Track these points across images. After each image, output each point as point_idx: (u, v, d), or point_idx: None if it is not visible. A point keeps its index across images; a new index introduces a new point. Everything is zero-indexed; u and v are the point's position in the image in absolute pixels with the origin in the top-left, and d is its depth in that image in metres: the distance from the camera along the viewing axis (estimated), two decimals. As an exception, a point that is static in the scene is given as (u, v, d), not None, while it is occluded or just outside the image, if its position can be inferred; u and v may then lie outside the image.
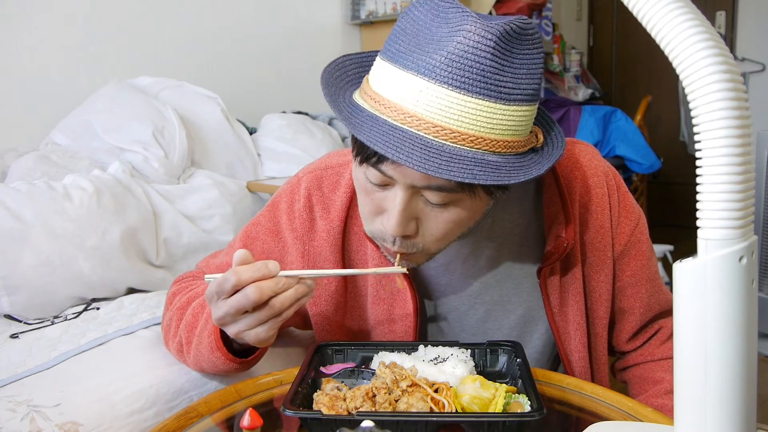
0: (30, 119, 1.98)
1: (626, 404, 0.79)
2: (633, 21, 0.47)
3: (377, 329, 0.94)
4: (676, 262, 0.48)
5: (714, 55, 0.44)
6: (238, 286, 0.70)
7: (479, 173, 0.65)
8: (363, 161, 0.71)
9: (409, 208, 0.72)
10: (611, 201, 0.91)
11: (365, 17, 3.06)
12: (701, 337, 0.47)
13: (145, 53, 2.31)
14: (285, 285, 0.71)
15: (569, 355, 0.92)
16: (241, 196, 1.84)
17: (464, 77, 0.64)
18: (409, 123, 0.66)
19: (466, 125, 0.66)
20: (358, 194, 0.78)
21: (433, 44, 0.66)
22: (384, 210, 0.74)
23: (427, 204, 0.72)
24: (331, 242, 0.90)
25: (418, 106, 0.66)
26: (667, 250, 3.28)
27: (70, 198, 1.41)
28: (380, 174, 0.70)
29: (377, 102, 0.69)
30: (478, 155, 0.67)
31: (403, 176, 0.69)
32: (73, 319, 1.29)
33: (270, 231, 0.95)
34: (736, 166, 0.44)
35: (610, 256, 0.92)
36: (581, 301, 0.90)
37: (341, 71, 0.79)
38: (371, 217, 0.77)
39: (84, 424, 0.87)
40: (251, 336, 0.74)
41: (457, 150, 0.66)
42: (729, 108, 0.43)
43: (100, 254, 1.40)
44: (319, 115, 2.52)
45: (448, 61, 0.64)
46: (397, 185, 0.71)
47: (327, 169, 0.93)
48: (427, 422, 0.66)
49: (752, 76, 4.12)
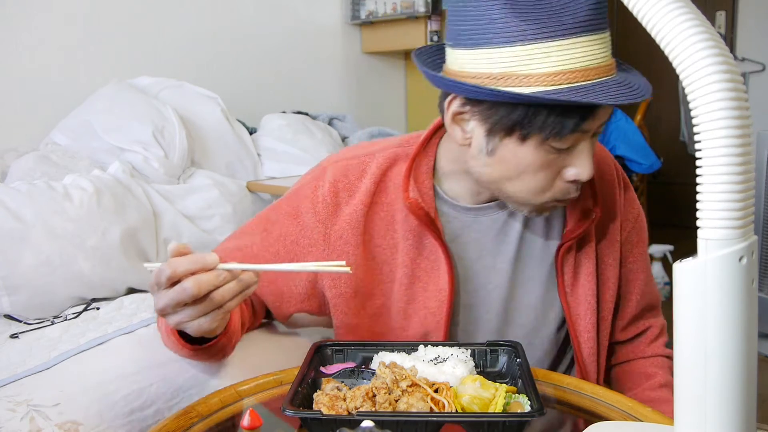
0: (30, 119, 1.98)
1: (626, 404, 0.79)
2: (633, 21, 0.47)
3: (405, 308, 0.93)
4: (676, 262, 0.48)
5: (714, 55, 0.44)
6: (173, 278, 0.70)
7: (639, 89, 0.76)
8: (563, 133, 0.75)
9: (591, 150, 0.80)
10: (619, 187, 0.97)
11: (365, 17, 3.06)
12: (701, 337, 0.47)
13: (145, 53, 2.31)
14: (225, 278, 0.71)
15: (579, 336, 0.94)
16: (241, 196, 1.84)
17: (602, 16, 0.74)
18: (595, 76, 0.74)
19: (609, 55, 0.76)
20: (519, 176, 0.81)
21: (562, 5, 0.72)
22: (564, 167, 0.80)
23: (592, 138, 0.80)
24: (353, 225, 0.91)
25: (593, 59, 0.73)
26: (667, 250, 3.28)
27: (70, 198, 1.41)
28: (576, 135, 0.76)
29: (554, 76, 0.73)
30: (625, 75, 0.79)
31: (598, 121, 0.77)
32: (73, 319, 1.30)
33: (289, 214, 0.95)
34: (736, 166, 0.44)
35: (618, 240, 0.96)
36: (593, 281, 0.93)
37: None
38: (546, 188, 0.82)
39: (84, 423, 0.87)
40: (193, 327, 0.74)
41: (621, 76, 0.77)
42: (729, 108, 0.43)
43: (100, 254, 1.40)
44: (319, 115, 2.52)
45: (594, 11, 0.72)
46: (585, 138, 0.78)
47: (353, 159, 0.95)
48: (427, 422, 0.66)
49: (752, 76, 4.12)
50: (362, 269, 0.93)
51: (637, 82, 0.78)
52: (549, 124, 0.74)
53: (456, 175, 0.91)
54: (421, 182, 0.91)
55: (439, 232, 0.90)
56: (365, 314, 0.94)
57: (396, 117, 3.42)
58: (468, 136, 0.82)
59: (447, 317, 0.91)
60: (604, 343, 0.98)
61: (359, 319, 0.94)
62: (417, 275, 0.92)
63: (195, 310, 0.72)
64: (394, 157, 0.93)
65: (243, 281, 0.73)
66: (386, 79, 3.35)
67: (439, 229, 0.90)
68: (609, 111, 0.77)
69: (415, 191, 0.89)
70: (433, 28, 2.94)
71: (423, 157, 0.92)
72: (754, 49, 4.12)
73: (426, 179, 0.91)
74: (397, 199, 0.91)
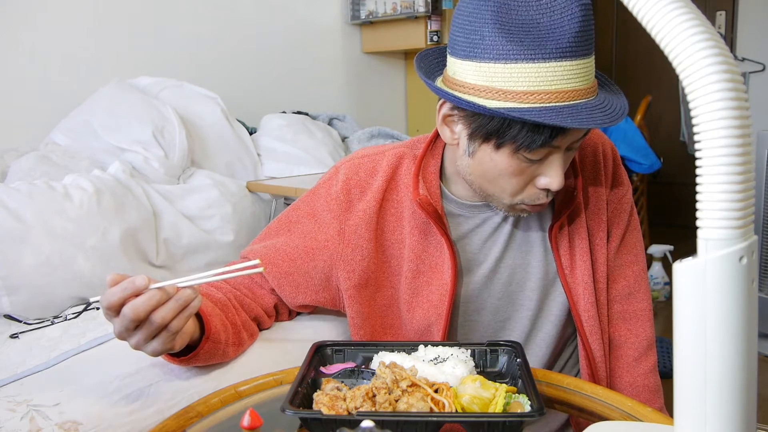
0: (30, 119, 1.98)
1: (626, 404, 0.79)
2: (633, 21, 0.47)
3: (411, 300, 0.98)
4: (676, 262, 0.48)
5: (714, 55, 0.44)
6: (111, 308, 0.74)
7: (614, 113, 0.80)
8: (533, 147, 0.80)
9: (563, 163, 0.85)
10: (606, 168, 1.01)
11: (365, 17, 3.06)
12: (701, 337, 0.47)
13: (145, 53, 2.31)
14: (160, 299, 0.74)
15: (580, 314, 0.98)
16: (241, 196, 1.84)
17: (586, 44, 0.78)
18: (569, 98, 0.78)
19: (589, 80, 0.81)
20: (494, 179, 0.87)
21: (549, 30, 0.76)
22: (537, 176, 0.85)
23: (567, 152, 0.85)
24: (366, 221, 0.97)
25: (569, 83, 0.78)
26: (667, 250, 3.28)
27: (70, 198, 1.41)
28: (546, 149, 0.81)
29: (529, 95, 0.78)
30: (604, 98, 0.83)
31: (570, 139, 0.81)
32: (73, 319, 1.30)
33: (308, 214, 1.01)
34: (736, 166, 0.44)
35: (605, 219, 1.01)
36: (588, 261, 0.97)
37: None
38: (518, 192, 0.87)
39: (84, 423, 0.87)
40: (148, 350, 0.78)
41: (597, 100, 0.81)
42: (729, 108, 0.43)
43: (100, 254, 1.40)
44: (319, 115, 2.52)
45: (577, 39, 0.76)
46: (557, 151, 0.83)
47: (364, 158, 1.01)
48: (427, 422, 0.66)
49: (752, 76, 4.12)
50: (374, 262, 0.98)
51: (615, 105, 0.82)
52: (521, 137, 0.80)
53: (456, 176, 0.96)
54: (429, 181, 0.97)
55: (445, 228, 0.95)
56: (376, 306, 1.00)
57: (396, 117, 3.42)
58: (456, 137, 0.89)
59: (448, 309, 0.95)
60: (604, 322, 1.01)
61: (371, 310, 0.99)
62: (421, 270, 0.97)
63: (142, 333, 0.75)
64: (403, 157, 0.99)
65: (181, 299, 0.76)
66: (386, 79, 3.35)
67: (445, 225, 0.96)
68: (582, 130, 0.82)
69: (423, 189, 0.95)
70: (433, 28, 2.95)
71: (431, 158, 0.98)
72: (754, 49, 4.12)
73: (434, 179, 0.97)
74: (406, 197, 0.97)
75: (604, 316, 1.01)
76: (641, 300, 1.04)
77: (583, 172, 1.00)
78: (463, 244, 0.99)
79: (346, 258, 0.98)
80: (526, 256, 0.99)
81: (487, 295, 1.00)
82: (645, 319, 1.04)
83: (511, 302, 1.00)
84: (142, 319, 0.74)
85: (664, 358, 2.48)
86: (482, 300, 1.00)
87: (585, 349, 0.98)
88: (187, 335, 0.82)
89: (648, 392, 1.02)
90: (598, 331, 0.98)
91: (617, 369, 1.03)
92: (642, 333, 1.03)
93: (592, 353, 0.98)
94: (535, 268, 0.99)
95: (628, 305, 1.03)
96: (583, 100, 0.79)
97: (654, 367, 1.03)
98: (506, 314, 1.01)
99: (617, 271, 1.03)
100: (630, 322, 1.03)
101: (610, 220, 1.02)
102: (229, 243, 1.71)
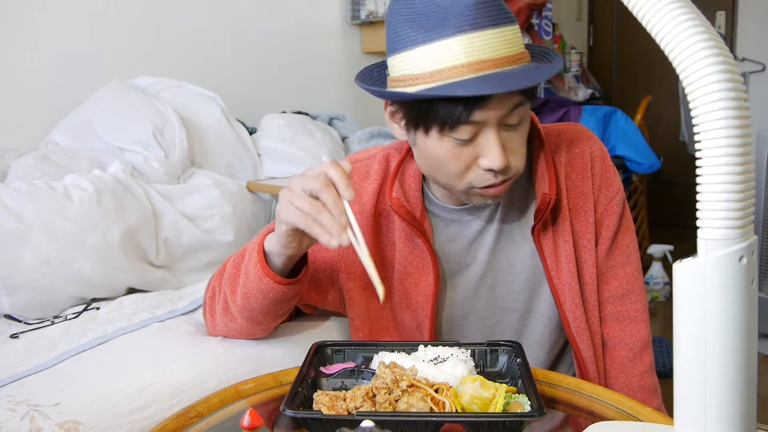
0: (30, 119, 1.98)
1: (626, 404, 0.79)
2: (633, 21, 0.47)
3: (401, 302, 1.00)
4: (676, 262, 0.48)
5: (714, 55, 0.44)
6: (320, 178, 0.79)
7: (538, 73, 0.80)
8: (454, 125, 0.81)
9: (500, 140, 0.83)
10: (593, 170, 1.00)
11: (365, 17, 3.06)
12: (701, 337, 0.47)
13: (145, 53, 2.31)
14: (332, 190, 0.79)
15: (567, 314, 0.98)
16: (241, 196, 1.84)
17: (488, 14, 0.78)
18: (480, 69, 0.78)
19: (505, 49, 0.79)
20: (436, 166, 0.87)
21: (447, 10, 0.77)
22: (477, 157, 0.84)
23: (508, 130, 0.84)
24: (364, 223, 0.99)
25: (473, 55, 0.78)
26: (667, 250, 3.28)
27: (70, 198, 1.41)
28: (470, 126, 0.81)
29: (437, 74, 0.79)
30: (525, 67, 0.81)
31: (494, 113, 0.80)
32: (73, 319, 1.30)
33: None
34: (736, 166, 0.44)
35: (593, 222, 1.00)
36: (572, 263, 0.97)
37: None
38: (463, 175, 0.86)
39: (84, 423, 0.87)
40: (289, 241, 0.84)
41: (518, 69, 0.80)
42: (729, 108, 0.43)
43: (100, 254, 1.40)
44: (319, 115, 2.52)
45: (473, 11, 0.77)
46: (486, 128, 0.82)
47: (356, 162, 1.03)
48: (427, 422, 0.66)
49: (752, 76, 4.12)
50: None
51: (541, 70, 0.82)
52: (440, 117, 0.81)
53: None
54: (408, 183, 0.98)
55: (422, 230, 0.96)
56: (373, 307, 1.01)
57: (396, 117, 3.41)
58: (403, 132, 0.91)
59: (432, 310, 0.97)
60: (594, 323, 1.00)
61: (369, 312, 1.01)
62: (409, 272, 0.99)
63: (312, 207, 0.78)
64: (389, 158, 1.01)
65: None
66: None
67: (423, 228, 0.96)
68: (508, 101, 0.81)
69: (399, 191, 0.96)
70: (433, 28, 2.94)
71: (411, 159, 0.99)
72: (754, 49, 4.12)
73: (413, 181, 0.98)
74: None
75: (594, 317, 1.00)
76: (635, 301, 1.03)
77: (569, 174, 0.99)
78: (448, 248, 0.99)
79: (347, 259, 1.00)
80: (510, 257, 0.99)
81: (474, 300, 1.00)
82: (639, 320, 1.03)
83: (499, 306, 1.00)
84: (335, 184, 0.78)
85: (664, 358, 2.48)
86: (469, 305, 1.00)
87: (574, 349, 0.98)
88: (306, 244, 0.87)
89: (643, 393, 1.01)
90: (586, 332, 0.98)
91: (612, 370, 1.03)
92: (636, 334, 1.02)
93: (581, 353, 0.98)
94: (521, 269, 0.99)
95: (622, 306, 1.02)
96: (499, 70, 0.79)
97: (650, 367, 1.03)
98: (495, 318, 1.01)
99: (609, 273, 1.02)
100: (623, 323, 1.03)
101: (599, 222, 1.00)
102: (229, 243, 1.71)
